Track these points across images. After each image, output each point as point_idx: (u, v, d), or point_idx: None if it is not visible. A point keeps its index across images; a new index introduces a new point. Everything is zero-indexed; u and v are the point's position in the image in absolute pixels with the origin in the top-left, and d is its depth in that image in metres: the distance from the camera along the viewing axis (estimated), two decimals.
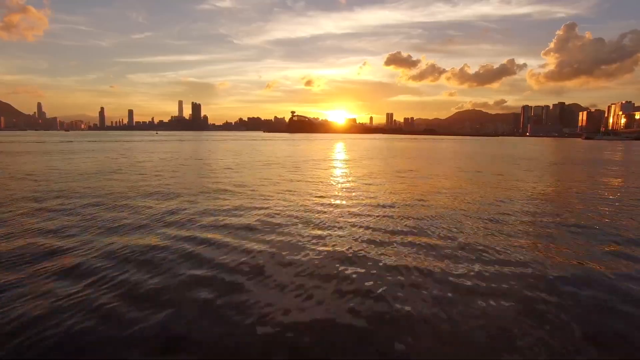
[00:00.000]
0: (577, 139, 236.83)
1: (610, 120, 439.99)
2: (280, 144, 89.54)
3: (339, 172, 27.82)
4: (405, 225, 11.69)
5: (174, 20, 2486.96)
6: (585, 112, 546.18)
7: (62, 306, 6.18)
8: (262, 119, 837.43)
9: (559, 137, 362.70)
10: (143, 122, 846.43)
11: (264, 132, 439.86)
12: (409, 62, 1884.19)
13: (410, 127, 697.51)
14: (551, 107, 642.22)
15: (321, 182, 21.74)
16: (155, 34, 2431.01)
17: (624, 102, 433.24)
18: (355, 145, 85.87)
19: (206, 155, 45.85)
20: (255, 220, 12.07)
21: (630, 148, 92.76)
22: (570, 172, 30.78)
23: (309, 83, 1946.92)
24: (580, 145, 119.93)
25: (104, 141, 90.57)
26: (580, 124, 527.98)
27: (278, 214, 13.06)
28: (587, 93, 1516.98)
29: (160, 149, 57.90)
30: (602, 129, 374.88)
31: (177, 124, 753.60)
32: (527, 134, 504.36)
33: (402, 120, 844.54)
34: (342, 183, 21.58)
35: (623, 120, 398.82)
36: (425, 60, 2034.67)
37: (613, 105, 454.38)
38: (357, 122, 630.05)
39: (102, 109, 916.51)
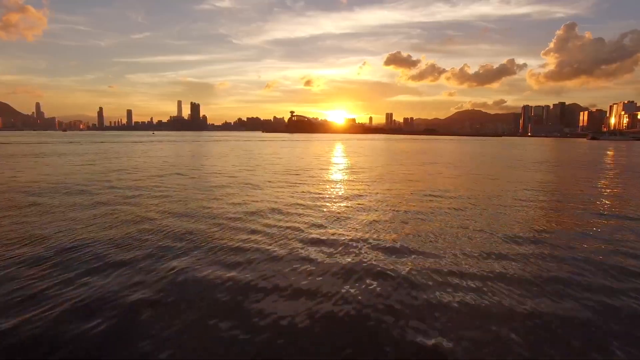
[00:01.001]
0: (580, 140, 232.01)
1: (613, 120, 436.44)
2: (278, 145, 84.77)
3: (356, 192, 19.25)
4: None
5: (174, 20, 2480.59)
6: (586, 112, 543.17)
7: None
8: (262, 119, 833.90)
9: (561, 137, 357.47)
10: (142, 122, 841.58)
11: (263, 132, 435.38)
12: (408, 62, 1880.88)
13: (410, 127, 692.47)
14: (551, 107, 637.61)
15: (338, 211, 15.37)
16: (154, 34, 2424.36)
17: (626, 102, 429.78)
18: (358, 147, 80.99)
19: (190, 161, 40.90)
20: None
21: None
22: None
23: (308, 83, 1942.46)
24: (592, 145, 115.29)
25: (92, 142, 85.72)
26: (581, 124, 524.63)
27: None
28: (586, 93, 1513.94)
29: (145, 153, 53.04)
30: (605, 129, 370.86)
31: (176, 124, 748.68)
32: (529, 134, 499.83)
33: (401, 120, 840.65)
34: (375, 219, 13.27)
35: (626, 120, 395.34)
36: (425, 60, 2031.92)
37: (615, 105, 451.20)
38: (357, 122, 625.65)
39: (100, 109, 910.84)
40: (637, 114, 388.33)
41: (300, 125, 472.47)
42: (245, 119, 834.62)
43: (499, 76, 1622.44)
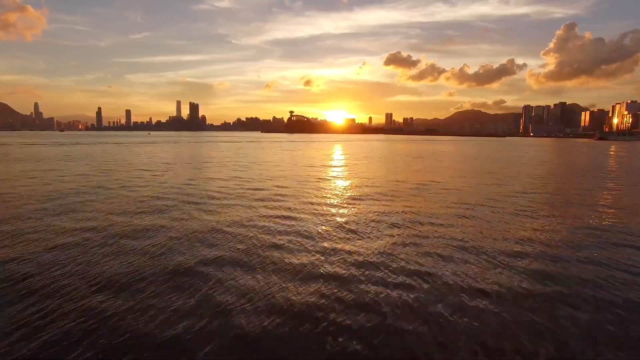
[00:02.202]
0: (585, 140, 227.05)
1: (615, 120, 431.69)
2: (275, 148, 79.96)
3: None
4: None
5: (173, 20, 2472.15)
6: (588, 112, 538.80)
7: None
8: (261, 119, 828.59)
9: (563, 138, 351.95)
10: (141, 122, 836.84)
11: (262, 132, 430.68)
12: (408, 62, 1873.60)
13: (409, 128, 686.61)
14: (552, 107, 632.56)
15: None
16: (154, 34, 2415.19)
17: (629, 101, 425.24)
18: (361, 150, 75.96)
19: (155, 176, 35.76)
20: None
21: None
22: None
23: (308, 83, 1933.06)
24: (606, 145, 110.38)
25: (75, 144, 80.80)
26: (583, 124, 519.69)
27: None
28: (586, 93, 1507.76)
29: (125, 159, 48.17)
30: (607, 129, 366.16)
31: (175, 124, 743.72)
32: (531, 134, 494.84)
33: (401, 120, 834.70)
34: None
35: (630, 120, 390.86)
36: (425, 60, 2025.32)
37: (618, 105, 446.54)
38: (356, 122, 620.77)
39: (99, 109, 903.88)
40: None
41: (300, 126, 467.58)
42: (245, 119, 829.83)
43: (498, 76, 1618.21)
